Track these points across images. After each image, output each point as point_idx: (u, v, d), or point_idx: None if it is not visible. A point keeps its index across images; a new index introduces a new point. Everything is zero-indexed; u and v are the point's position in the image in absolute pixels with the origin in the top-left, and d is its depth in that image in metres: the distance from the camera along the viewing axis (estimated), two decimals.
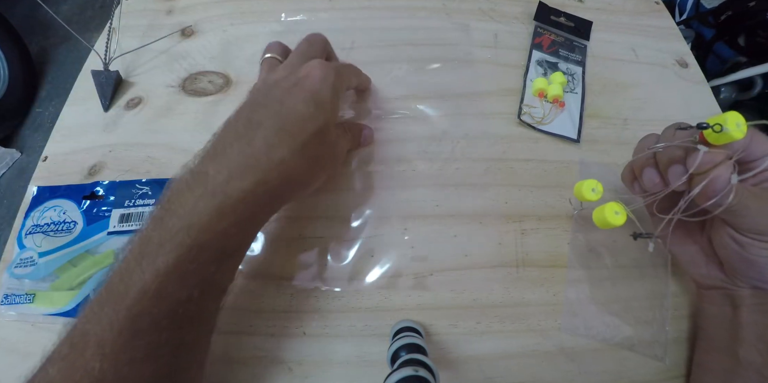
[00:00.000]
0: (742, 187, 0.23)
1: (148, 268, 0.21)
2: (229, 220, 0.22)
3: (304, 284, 0.31)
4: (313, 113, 0.25)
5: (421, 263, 0.32)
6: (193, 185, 0.22)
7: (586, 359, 0.29)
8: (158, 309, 0.21)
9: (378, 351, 0.29)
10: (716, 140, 0.22)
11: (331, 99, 0.26)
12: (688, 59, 0.44)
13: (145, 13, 0.45)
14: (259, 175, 0.23)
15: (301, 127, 0.24)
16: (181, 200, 0.22)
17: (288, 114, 0.24)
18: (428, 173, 0.35)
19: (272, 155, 0.23)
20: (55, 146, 0.38)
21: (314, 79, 0.26)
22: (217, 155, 0.23)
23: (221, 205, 0.22)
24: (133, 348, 0.20)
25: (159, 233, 0.21)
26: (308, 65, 0.27)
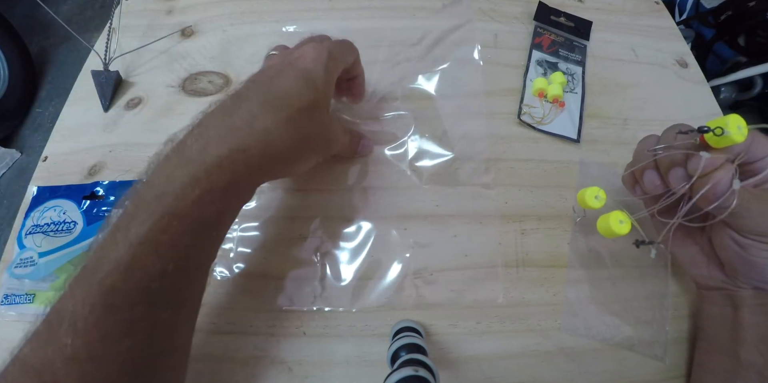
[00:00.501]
0: (743, 189, 0.22)
1: (122, 240, 0.20)
2: (203, 186, 0.21)
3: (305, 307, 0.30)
4: (302, 88, 0.25)
5: (421, 263, 0.32)
6: (170, 155, 0.22)
7: (586, 359, 0.29)
8: (131, 283, 0.20)
9: (378, 351, 0.29)
10: (717, 143, 0.22)
11: (323, 78, 0.26)
12: (688, 59, 0.44)
13: (145, 13, 0.45)
14: (237, 141, 0.22)
15: (288, 102, 0.24)
16: (157, 172, 0.22)
17: (276, 89, 0.24)
18: (428, 172, 0.35)
19: (253, 124, 0.23)
20: (55, 146, 0.38)
21: (306, 59, 0.25)
22: (200, 127, 0.23)
23: (195, 171, 0.21)
24: (106, 324, 0.19)
25: (134, 205, 0.21)
26: (302, 47, 0.27)
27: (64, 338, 0.19)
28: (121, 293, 0.19)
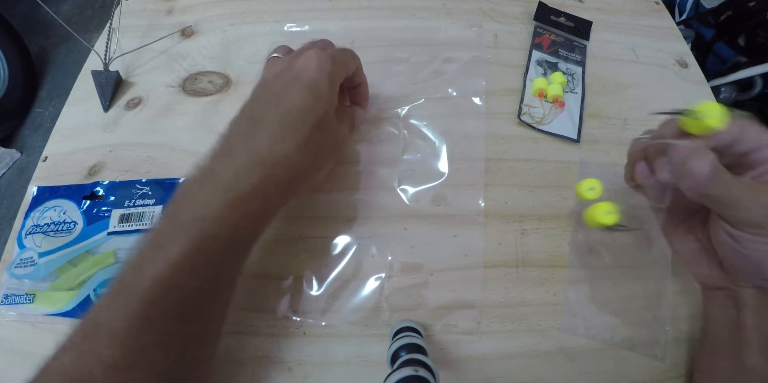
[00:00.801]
0: (734, 178, 0.22)
1: (161, 258, 0.21)
2: (240, 213, 0.23)
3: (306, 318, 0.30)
4: (312, 104, 0.25)
5: (421, 263, 0.32)
6: (203, 182, 0.24)
7: (586, 359, 0.29)
8: (169, 298, 0.21)
9: (378, 351, 0.29)
10: (695, 128, 0.22)
11: (328, 88, 0.26)
12: (688, 59, 0.44)
13: (145, 13, 0.45)
14: (266, 170, 0.24)
15: (302, 120, 0.25)
16: (192, 196, 0.23)
17: (288, 108, 0.25)
18: (429, 172, 0.35)
19: (276, 151, 0.24)
20: (55, 146, 0.38)
21: (310, 70, 0.26)
22: (225, 154, 0.24)
23: (232, 199, 0.23)
24: (144, 336, 0.21)
25: (171, 227, 0.22)
26: (304, 56, 0.26)
27: (104, 349, 0.20)
28: (159, 307, 0.21)
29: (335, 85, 0.27)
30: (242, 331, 0.30)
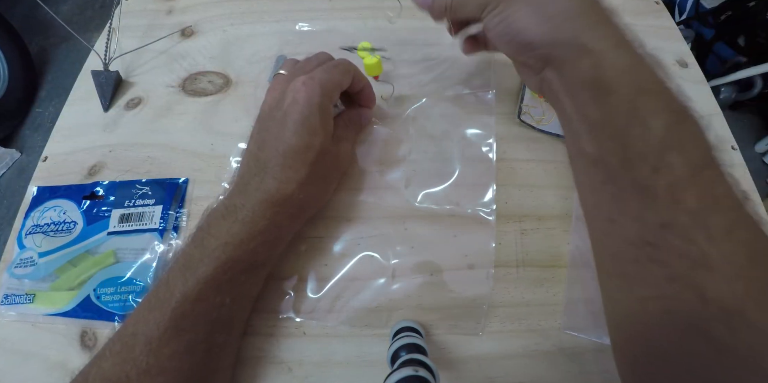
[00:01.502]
0: None
1: (191, 278, 0.25)
2: (258, 240, 0.26)
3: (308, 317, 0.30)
4: (308, 142, 0.27)
5: (421, 263, 0.32)
6: (226, 214, 0.27)
7: (586, 359, 0.29)
8: (197, 311, 0.24)
9: (378, 351, 0.29)
10: None
11: (320, 120, 0.28)
12: (688, 59, 0.44)
13: (145, 13, 0.45)
14: (276, 208, 0.27)
15: (301, 160, 0.27)
16: (217, 226, 0.27)
17: (286, 150, 0.27)
18: (429, 172, 0.35)
19: (283, 191, 0.27)
20: (55, 146, 0.38)
21: (300, 105, 0.27)
22: (241, 191, 0.28)
23: (251, 230, 0.26)
24: (175, 344, 0.23)
25: (200, 251, 0.26)
26: (292, 89, 0.28)
27: (140, 356, 0.23)
28: (189, 319, 0.24)
29: (328, 112, 0.29)
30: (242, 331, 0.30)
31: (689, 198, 0.20)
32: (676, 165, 0.20)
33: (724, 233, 0.19)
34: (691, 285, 0.19)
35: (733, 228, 0.19)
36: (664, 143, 0.20)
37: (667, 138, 0.20)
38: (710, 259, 0.19)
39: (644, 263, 0.21)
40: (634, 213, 0.21)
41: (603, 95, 0.22)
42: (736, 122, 1.30)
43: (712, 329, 0.19)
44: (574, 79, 0.23)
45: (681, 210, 0.20)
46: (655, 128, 0.21)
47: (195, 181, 0.35)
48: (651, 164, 0.21)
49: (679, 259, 0.20)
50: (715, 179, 0.20)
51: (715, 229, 0.19)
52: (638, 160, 0.21)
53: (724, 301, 0.18)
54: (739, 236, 0.19)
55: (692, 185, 0.20)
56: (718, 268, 0.19)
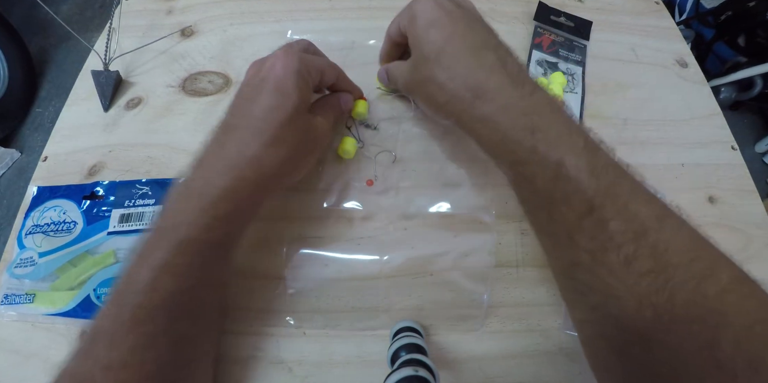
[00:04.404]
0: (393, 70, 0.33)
1: (145, 266, 0.23)
2: (210, 214, 0.24)
3: None
4: (279, 102, 0.26)
5: (421, 262, 0.32)
6: (181, 190, 0.25)
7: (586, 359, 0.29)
8: (153, 300, 0.23)
9: (378, 351, 0.29)
10: None
11: (295, 84, 0.26)
12: (688, 59, 0.44)
13: (145, 13, 0.45)
14: (235, 173, 0.25)
15: (269, 120, 0.26)
16: (170, 206, 0.25)
17: (255, 110, 0.26)
18: (429, 172, 0.35)
19: (245, 153, 0.25)
20: (55, 146, 0.38)
21: (277, 69, 0.27)
22: (201, 162, 0.26)
23: (203, 203, 0.24)
24: (134, 337, 0.22)
25: (154, 236, 0.24)
26: (272, 56, 0.28)
27: (102, 351, 0.22)
28: (146, 309, 0.23)
29: (304, 81, 0.27)
30: (242, 331, 0.30)
31: (583, 240, 0.22)
32: (564, 213, 0.22)
33: (622, 267, 0.21)
34: (607, 314, 0.22)
35: (631, 260, 0.20)
36: (547, 196, 0.23)
37: (547, 191, 0.23)
38: (616, 290, 0.21)
39: (572, 293, 0.25)
40: (552, 253, 0.26)
41: (495, 160, 0.26)
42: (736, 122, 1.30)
43: (632, 351, 0.21)
44: None
45: (581, 250, 0.22)
46: (537, 183, 0.23)
47: None
48: (545, 213, 0.24)
49: (591, 291, 0.22)
50: (606, 218, 0.21)
51: (614, 264, 0.21)
52: (537, 211, 0.25)
53: (636, 327, 0.20)
54: (639, 267, 0.20)
55: (582, 229, 0.22)
56: (625, 298, 0.21)
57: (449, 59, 0.26)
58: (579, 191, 0.22)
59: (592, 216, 0.21)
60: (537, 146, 0.23)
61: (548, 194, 0.23)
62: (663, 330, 0.20)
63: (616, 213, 0.21)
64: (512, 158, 0.24)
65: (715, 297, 0.19)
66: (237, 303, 0.30)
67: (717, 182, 0.37)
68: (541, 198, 0.24)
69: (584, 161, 0.22)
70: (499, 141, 0.25)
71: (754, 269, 0.21)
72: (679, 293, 0.19)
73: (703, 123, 0.40)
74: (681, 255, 0.20)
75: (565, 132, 0.23)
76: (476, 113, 0.25)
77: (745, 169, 0.38)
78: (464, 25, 0.27)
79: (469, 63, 0.26)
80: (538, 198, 0.24)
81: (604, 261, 0.21)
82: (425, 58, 0.27)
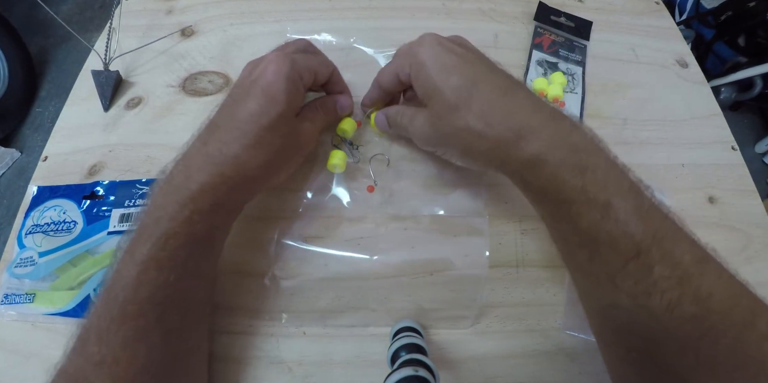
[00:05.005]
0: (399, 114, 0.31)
1: (130, 261, 0.23)
2: (190, 208, 0.24)
3: None
4: (264, 107, 0.26)
5: (421, 263, 0.32)
6: (162, 185, 0.26)
7: (586, 359, 0.29)
8: (140, 294, 0.23)
9: (378, 351, 0.29)
10: None
11: (285, 89, 0.26)
12: (688, 59, 0.44)
13: (145, 13, 0.45)
14: (214, 169, 0.25)
15: (252, 123, 0.26)
16: (153, 200, 0.25)
17: (241, 113, 0.26)
18: (428, 172, 0.35)
19: (225, 151, 0.25)
20: (55, 146, 0.38)
21: (267, 74, 0.26)
22: (183, 158, 0.26)
23: (182, 197, 0.24)
24: (124, 332, 0.22)
25: (138, 230, 0.25)
26: (264, 60, 0.28)
27: (93, 347, 0.22)
28: (133, 303, 0.23)
29: (295, 86, 0.27)
30: (242, 331, 0.30)
31: (626, 283, 0.21)
32: (607, 256, 0.22)
33: (665, 312, 0.20)
34: (646, 357, 0.22)
35: (675, 306, 0.20)
36: (591, 237, 0.22)
37: (592, 232, 0.22)
38: (658, 335, 0.21)
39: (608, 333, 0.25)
40: (589, 293, 0.25)
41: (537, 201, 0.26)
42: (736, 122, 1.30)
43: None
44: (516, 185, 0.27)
45: (622, 293, 0.22)
46: (582, 224, 0.23)
47: None
48: (587, 254, 0.23)
49: (630, 334, 0.22)
50: (651, 263, 0.21)
51: (656, 309, 0.20)
52: (577, 251, 0.24)
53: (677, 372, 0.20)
54: (682, 312, 0.20)
55: (627, 273, 0.21)
56: (667, 343, 0.20)
57: (482, 104, 0.25)
58: (627, 234, 0.21)
59: (638, 261, 0.21)
60: (586, 186, 0.22)
61: (593, 235, 0.22)
62: (704, 376, 0.20)
63: (661, 258, 0.21)
64: (559, 197, 0.23)
65: (757, 345, 0.19)
66: (237, 302, 0.30)
67: (717, 182, 0.37)
68: (584, 239, 0.23)
69: (632, 204, 0.22)
70: (546, 181, 0.24)
71: (754, 269, 0.21)
72: (722, 340, 0.19)
73: (703, 123, 0.40)
74: (723, 302, 0.20)
75: (612, 171, 0.23)
76: (522, 155, 0.24)
77: (745, 169, 0.38)
78: (483, 67, 0.27)
79: (505, 105, 0.25)
80: (579, 239, 0.23)
81: (647, 305, 0.21)
82: (453, 108, 0.26)
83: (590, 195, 0.22)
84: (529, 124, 0.24)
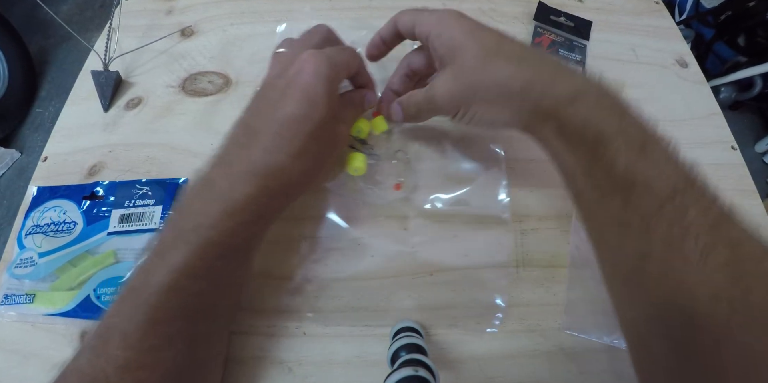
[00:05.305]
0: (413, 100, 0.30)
1: (163, 265, 0.23)
2: (235, 220, 0.24)
3: None
4: (307, 112, 0.25)
5: (421, 263, 0.32)
6: (201, 191, 0.25)
7: (586, 359, 0.29)
8: (172, 301, 0.22)
9: (378, 351, 0.29)
10: None
11: (325, 93, 0.25)
12: (688, 59, 0.44)
13: (145, 13, 0.45)
14: (259, 181, 0.24)
15: (296, 130, 0.25)
16: (191, 204, 0.25)
17: (282, 118, 0.25)
18: (429, 172, 0.35)
19: (270, 162, 0.24)
20: (55, 146, 0.38)
21: (306, 75, 0.25)
22: (222, 163, 0.25)
23: (227, 207, 0.23)
24: (152, 337, 0.22)
25: (173, 234, 0.24)
26: (300, 59, 0.26)
27: (116, 350, 0.21)
28: (164, 310, 0.22)
29: (332, 88, 0.26)
30: (242, 331, 0.30)
31: (661, 227, 0.21)
32: (644, 198, 0.21)
33: (700, 257, 0.19)
34: (674, 309, 0.21)
35: (709, 250, 0.20)
36: (627, 179, 0.22)
37: (629, 174, 0.22)
38: (690, 282, 0.20)
39: (634, 287, 0.23)
40: (618, 245, 0.24)
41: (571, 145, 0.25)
42: (736, 122, 1.30)
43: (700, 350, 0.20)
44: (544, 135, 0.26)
45: (655, 239, 0.21)
46: (618, 166, 0.22)
47: None
48: (621, 199, 0.22)
49: (659, 285, 0.21)
50: (686, 205, 0.21)
51: (690, 254, 0.20)
52: (610, 198, 0.23)
53: (707, 323, 0.19)
54: (716, 258, 0.19)
55: (662, 216, 0.21)
56: (699, 291, 0.20)
57: (512, 50, 0.25)
58: (663, 175, 0.21)
59: (674, 202, 0.21)
60: (624, 126, 0.23)
61: (629, 177, 0.22)
62: (737, 326, 0.18)
63: (695, 201, 0.21)
64: (597, 138, 0.23)
65: None
66: None
67: (717, 181, 0.36)
68: (619, 183, 0.22)
69: (665, 147, 0.22)
70: (584, 119, 0.23)
71: None
72: (756, 288, 0.19)
73: (702, 123, 0.40)
74: (753, 251, 0.20)
75: (642, 117, 0.23)
76: (560, 90, 0.24)
77: (745, 169, 0.38)
78: (500, 33, 0.27)
79: (534, 55, 0.26)
80: (614, 183, 0.23)
81: (681, 250, 0.20)
82: (481, 56, 0.25)
83: (628, 135, 0.22)
84: (564, 68, 0.25)
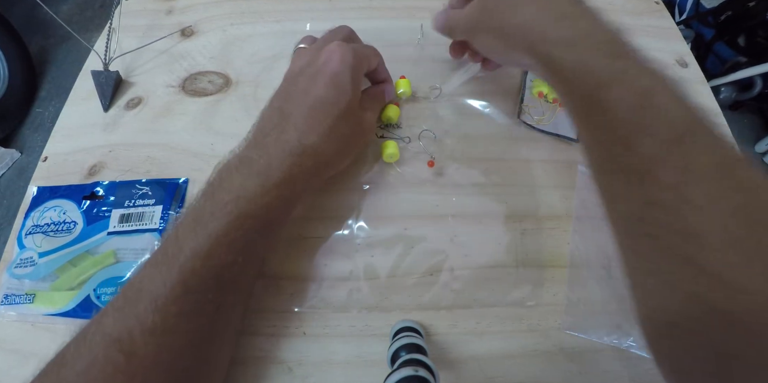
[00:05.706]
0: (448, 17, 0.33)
1: (201, 233, 0.23)
2: (272, 195, 0.25)
3: None
4: (335, 96, 0.27)
5: (420, 263, 0.32)
6: (239, 167, 0.26)
7: (586, 359, 0.29)
8: (207, 269, 0.23)
9: (378, 351, 0.29)
10: None
11: (351, 80, 0.28)
12: (688, 59, 0.44)
13: (145, 13, 0.45)
14: (294, 159, 0.26)
15: (326, 112, 0.27)
16: (230, 179, 0.26)
17: (313, 102, 0.27)
18: (429, 172, 0.35)
19: (304, 142, 0.27)
20: (55, 146, 0.38)
21: (334, 63, 0.27)
22: (258, 143, 0.27)
23: (265, 183, 0.25)
24: (183, 303, 0.22)
25: (210, 205, 0.25)
26: (328, 49, 0.28)
27: (145, 313, 0.22)
28: (198, 278, 0.23)
29: (358, 77, 0.29)
30: (242, 331, 0.29)
31: (668, 173, 0.20)
32: (646, 145, 0.21)
33: (708, 204, 0.19)
34: (682, 256, 0.20)
35: (719, 197, 0.19)
36: (629, 126, 0.21)
37: (628, 120, 0.21)
38: (700, 228, 0.19)
39: (640, 237, 0.22)
40: (622, 193, 0.23)
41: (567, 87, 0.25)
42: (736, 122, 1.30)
43: (714, 300, 0.19)
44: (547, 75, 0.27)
45: (661, 186, 0.20)
46: (618, 111, 0.22)
47: (195, 181, 0.35)
48: (622, 147, 0.22)
49: (667, 233, 0.20)
50: (692, 150, 0.20)
51: (700, 200, 0.19)
52: (613, 143, 0.22)
53: (718, 269, 0.18)
54: (725, 204, 0.19)
55: (666, 162, 0.20)
56: (710, 236, 0.19)
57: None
58: (668, 118, 0.21)
59: (681, 146, 0.20)
60: (627, 69, 0.22)
61: (632, 122, 0.21)
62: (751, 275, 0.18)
63: (703, 145, 0.20)
64: (595, 81, 0.23)
65: None
66: None
67: None
68: (621, 128, 0.22)
69: (670, 90, 0.22)
70: (580, 62, 0.23)
71: None
72: None
73: None
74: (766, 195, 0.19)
75: (646, 61, 0.23)
76: (560, 31, 0.25)
77: None
78: None
79: None
80: (616, 128, 0.22)
81: (690, 197, 0.19)
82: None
83: (631, 78, 0.22)
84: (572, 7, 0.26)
